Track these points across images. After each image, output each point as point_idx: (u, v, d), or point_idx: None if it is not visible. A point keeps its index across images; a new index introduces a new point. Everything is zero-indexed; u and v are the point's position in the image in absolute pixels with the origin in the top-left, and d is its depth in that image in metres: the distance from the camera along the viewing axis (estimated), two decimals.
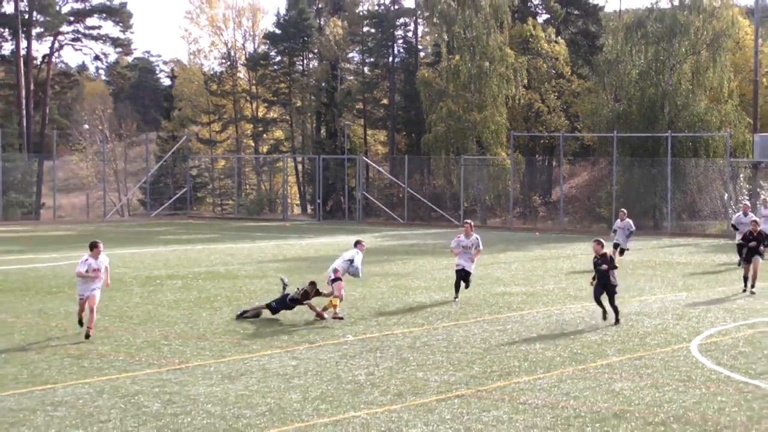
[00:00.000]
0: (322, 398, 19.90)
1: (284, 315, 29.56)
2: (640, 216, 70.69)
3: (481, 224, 74.76)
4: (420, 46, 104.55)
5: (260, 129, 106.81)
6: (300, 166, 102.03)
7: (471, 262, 33.18)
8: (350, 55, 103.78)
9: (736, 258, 44.01)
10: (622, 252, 44.50)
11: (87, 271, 25.78)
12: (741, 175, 69.85)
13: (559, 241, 59.12)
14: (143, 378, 21.07)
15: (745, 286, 35.37)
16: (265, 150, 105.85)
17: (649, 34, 72.17)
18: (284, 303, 29.32)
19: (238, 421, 18.16)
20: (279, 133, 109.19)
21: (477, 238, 33.40)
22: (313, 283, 29.41)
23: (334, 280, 29.38)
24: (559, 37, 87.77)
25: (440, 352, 24.69)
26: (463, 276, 33.12)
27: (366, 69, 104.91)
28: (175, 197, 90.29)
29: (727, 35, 72.87)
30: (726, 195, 66.94)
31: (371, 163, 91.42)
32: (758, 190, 67.34)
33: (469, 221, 34.40)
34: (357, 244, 31.63)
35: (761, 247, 35.18)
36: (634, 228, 45.95)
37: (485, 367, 22.94)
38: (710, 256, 49.88)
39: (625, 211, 47.36)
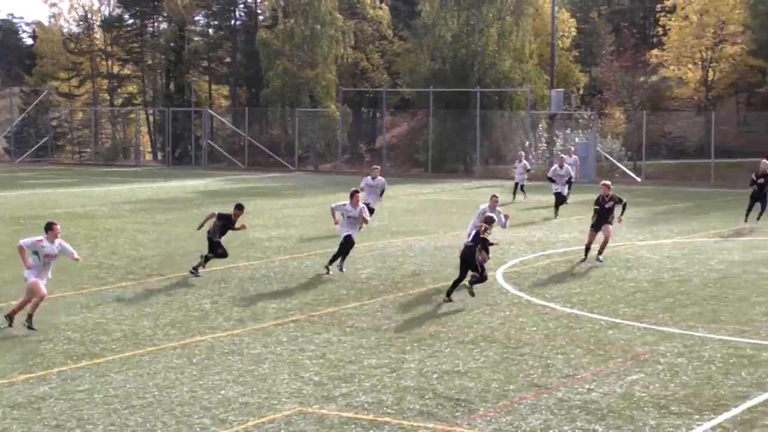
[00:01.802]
0: (172, 324, 19.72)
1: (126, 253, 29.15)
2: (453, 161, 71.54)
3: (313, 169, 74.91)
4: (259, 11, 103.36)
5: (115, 84, 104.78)
6: (151, 118, 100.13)
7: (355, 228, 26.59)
8: (197, 18, 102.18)
9: (529, 197, 44.93)
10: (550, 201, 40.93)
11: (41, 257, 19.16)
12: (540, 126, 71.02)
13: None
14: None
15: (586, 255, 27.89)
16: (119, 103, 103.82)
17: (461, 1, 72.57)
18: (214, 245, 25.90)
19: (95, 346, 17.89)
20: (132, 88, 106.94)
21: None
22: (238, 206, 26.29)
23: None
24: (383, 3, 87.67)
25: (277, 283, 24.66)
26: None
27: (211, 31, 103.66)
28: (37, 146, 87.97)
29: (528, 3, 73.76)
30: (527, 142, 67.93)
31: (215, 115, 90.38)
32: (554, 138, 68.56)
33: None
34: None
35: (613, 216, 27.87)
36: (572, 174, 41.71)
37: (317, 296, 22.98)
38: (533, 196, 50.37)
39: (564, 156, 43.34)
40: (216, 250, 25.52)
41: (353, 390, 15.35)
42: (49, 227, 19.54)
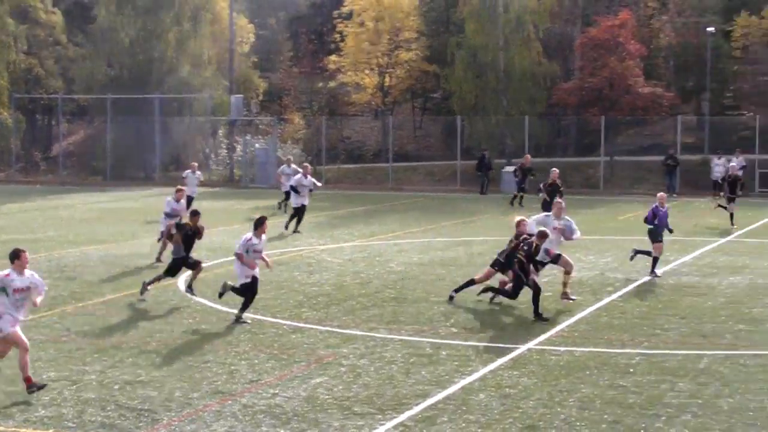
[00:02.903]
0: None
1: None
2: (133, 169, 70.33)
3: None
4: None
5: None
6: None
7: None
8: None
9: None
10: None
11: (10, 294, 15.56)
12: (220, 131, 70.85)
13: (59, 193, 57.57)
14: None
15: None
16: None
17: (138, 7, 71.56)
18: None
19: None
20: None
21: None
22: (195, 212, 24.51)
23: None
24: (56, 8, 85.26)
25: None
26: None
27: None
28: None
29: (206, 9, 73.55)
30: (207, 149, 67.71)
31: None
32: (234, 144, 68.55)
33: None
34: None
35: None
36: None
37: None
38: (215, 202, 49.56)
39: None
40: (180, 266, 24.05)
41: (32, 405, 14.82)
42: (15, 255, 15.74)
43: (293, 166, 43.84)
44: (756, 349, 18.71)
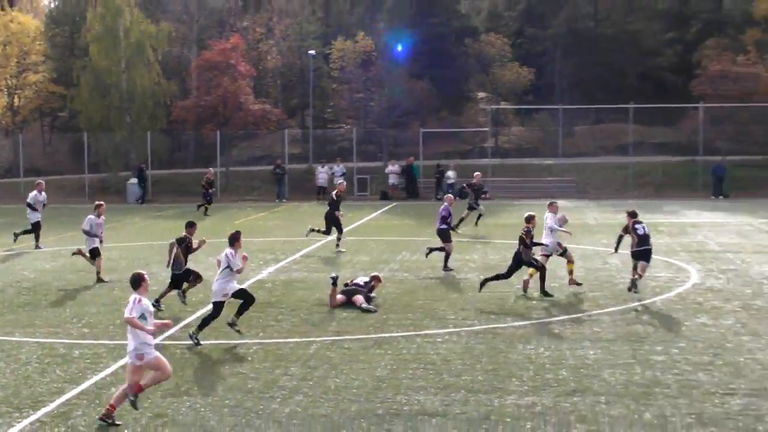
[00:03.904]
0: None
1: None
2: None
3: None
4: None
5: None
6: None
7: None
8: None
9: None
10: None
11: (147, 319, 13.80)
12: None
13: None
14: None
15: None
16: None
17: None
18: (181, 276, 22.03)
19: None
20: None
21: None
22: (190, 224, 22.35)
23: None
24: None
25: None
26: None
27: None
28: None
29: None
30: None
31: None
32: None
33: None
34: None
35: None
36: None
37: None
38: None
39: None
40: (183, 280, 21.99)
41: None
42: (141, 279, 13.92)
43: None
44: (358, 334, 19.41)
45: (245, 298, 18.86)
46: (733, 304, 21.76)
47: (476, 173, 40.61)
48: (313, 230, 33.27)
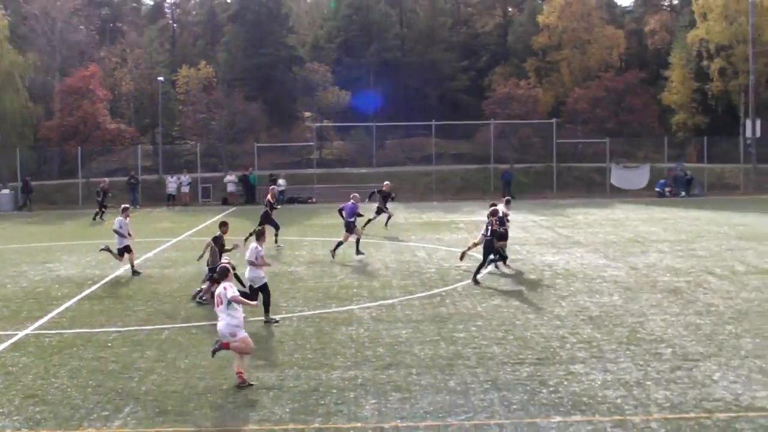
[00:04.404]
0: None
1: None
2: None
3: None
4: None
5: None
6: None
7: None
8: None
9: None
10: None
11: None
12: None
13: None
14: None
15: None
16: None
17: None
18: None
19: None
20: None
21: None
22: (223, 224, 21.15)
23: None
24: None
25: None
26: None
27: None
28: None
29: None
30: None
31: None
32: None
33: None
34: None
35: None
36: None
37: None
38: None
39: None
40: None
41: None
42: (227, 272, 14.46)
43: None
44: (204, 321, 19.27)
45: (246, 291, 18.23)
46: (520, 288, 22.54)
47: (386, 182, 38.77)
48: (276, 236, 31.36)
